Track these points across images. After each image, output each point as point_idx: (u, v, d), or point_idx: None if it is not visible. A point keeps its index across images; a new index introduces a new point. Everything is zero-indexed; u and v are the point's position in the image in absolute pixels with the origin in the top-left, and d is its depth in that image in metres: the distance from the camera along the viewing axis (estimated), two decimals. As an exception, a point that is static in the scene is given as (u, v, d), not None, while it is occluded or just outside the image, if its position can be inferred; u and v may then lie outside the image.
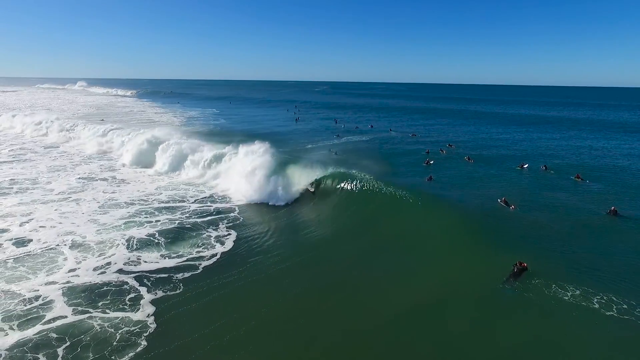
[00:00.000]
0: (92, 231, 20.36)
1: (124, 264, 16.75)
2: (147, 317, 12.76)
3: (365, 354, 11.32)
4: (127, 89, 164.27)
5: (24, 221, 21.61)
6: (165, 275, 15.69)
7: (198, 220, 22.08)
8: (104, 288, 14.77)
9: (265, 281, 15.50)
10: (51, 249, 18.21)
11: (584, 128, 60.02)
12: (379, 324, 12.59)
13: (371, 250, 17.93)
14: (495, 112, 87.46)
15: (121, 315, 12.95)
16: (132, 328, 12.21)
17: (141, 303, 13.66)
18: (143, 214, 22.79)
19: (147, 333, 12.01)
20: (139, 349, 11.25)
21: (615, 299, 13.06)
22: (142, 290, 14.53)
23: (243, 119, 68.53)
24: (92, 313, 13.14)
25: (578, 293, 13.45)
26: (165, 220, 21.88)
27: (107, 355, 11.04)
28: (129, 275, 15.73)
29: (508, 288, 14.08)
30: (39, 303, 13.93)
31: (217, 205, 24.98)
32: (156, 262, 16.80)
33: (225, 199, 26.34)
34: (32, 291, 14.63)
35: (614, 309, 12.61)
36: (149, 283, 15.06)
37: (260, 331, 12.28)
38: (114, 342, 11.55)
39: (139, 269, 16.22)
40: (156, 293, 14.32)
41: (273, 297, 14.28)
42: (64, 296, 14.32)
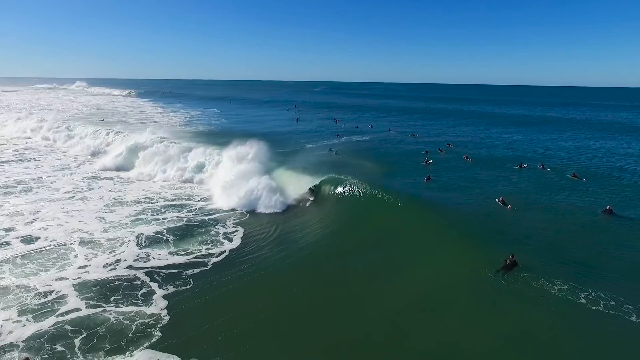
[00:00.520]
0: (100, 229, 20.76)
1: (134, 261, 17.16)
2: (161, 311, 13.17)
3: (365, 342, 11.83)
4: (126, 89, 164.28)
5: (31, 219, 21.96)
6: (175, 271, 16.11)
7: (205, 217, 22.51)
8: (116, 283, 15.19)
9: (272, 276, 15.95)
10: (60, 246, 18.56)
11: (582, 128, 60.55)
12: (379, 313, 13.14)
13: (370, 247, 18.29)
14: (494, 113, 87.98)
15: (135, 309, 13.34)
16: (147, 320, 12.63)
17: (153, 298, 14.06)
18: (149, 212, 23.22)
19: (161, 325, 12.42)
20: (154, 340, 11.66)
21: (603, 295, 13.44)
22: (154, 285, 14.95)
23: (245, 119, 68.94)
24: (106, 307, 13.53)
25: (566, 288, 13.86)
26: (172, 218, 22.32)
27: (124, 345, 11.45)
28: (140, 271, 16.13)
29: (498, 279, 14.61)
30: (53, 297, 14.30)
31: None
32: (165, 259, 17.18)
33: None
34: (45, 286, 14.97)
35: (601, 305, 12.99)
36: (160, 279, 15.46)
37: (268, 323, 12.71)
38: (130, 334, 11.97)
39: (149, 265, 16.62)
40: (167, 288, 14.73)
41: (280, 291, 14.72)
42: (76, 291, 14.67)
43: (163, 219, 22.11)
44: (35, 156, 39.91)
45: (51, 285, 15.15)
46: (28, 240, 19.28)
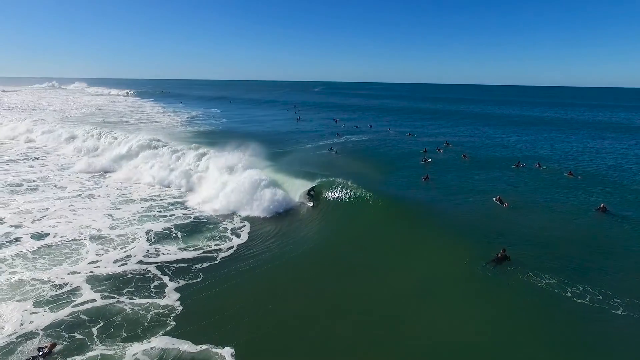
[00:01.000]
0: (108, 225, 21.25)
1: (144, 256, 17.65)
2: (174, 302, 13.71)
3: (363, 327, 12.51)
4: (125, 89, 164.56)
5: (40, 217, 22.40)
6: (185, 265, 16.65)
7: (213, 213, 23.11)
8: (128, 276, 15.71)
9: (279, 268, 16.55)
10: (71, 242, 19.03)
11: (580, 128, 61.31)
12: (377, 302, 13.87)
13: (369, 243, 18.76)
14: (492, 113, 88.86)
15: (149, 300, 13.88)
16: (161, 310, 13.17)
17: (166, 290, 14.59)
18: (157, 209, 23.78)
19: (175, 315, 12.98)
20: (169, 328, 12.21)
21: (590, 290, 13.95)
22: (165, 279, 15.49)
23: (246, 119, 69.59)
24: (120, 298, 14.07)
25: (554, 282, 14.40)
26: (180, 214, 22.89)
27: (140, 333, 12.00)
28: (150, 265, 16.64)
29: (487, 271, 15.20)
30: (67, 289, 14.78)
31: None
32: (175, 254, 17.72)
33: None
34: (58, 279, 15.44)
35: (587, 299, 13.51)
36: (170, 273, 15.99)
37: (274, 314, 13.27)
38: (145, 322, 12.52)
39: (159, 260, 17.14)
40: (178, 281, 15.28)
41: (286, 283, 15.34)
42: (89, 284, 15.15)
43: (170, 216, 22.66)
44: (39, 155, 40.41)
45: (64, 278, 15.64)
46: (39, 236, 19.71)
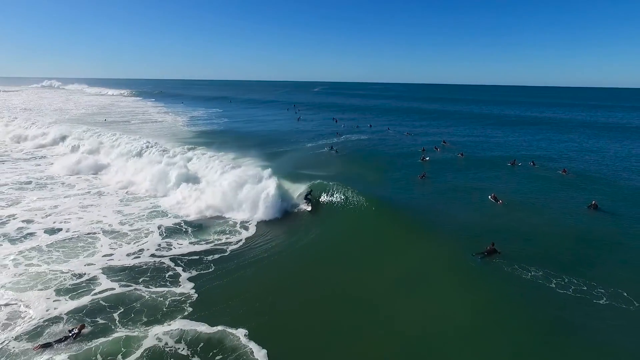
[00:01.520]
0: (119, 221, 22.06)
1: (156, 250, 18.50)
2: (189, 290, 14.61)
3: (359, 312, 13.46)
4: (125, 89, 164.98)
5: (51, 213, 23.16)
6: (197, 257, 17.54)
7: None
8: (143, 267, 16.59)
9: (284, 260, 17.51)
10: (85, 236, 19.87)
11: (577, 128, 62.02)
12: (374, 288, 14.89)
13: (366, 237, 19.58)
14: (491, 113, 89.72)
15: (165, 289, 14.76)
16: (177, 298, 14.06)
17: (180, 280, 15.49)
18: (164, 206, 24.59)
19: (191, 301, 13.87)
20: (186, 313, 13.10)
21: (575, 281, 14.63)
22: (179, 269, 16.36)
23: (248, 119, 70.43)
24: (138, 287, 14.96)
25: (540, 274, 15.06)
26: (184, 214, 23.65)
27: (160, 317, 12.87)
28: (164, 258, 17.51)
29: (476, 262, 15.94)
30: (85, 279, 15.61)
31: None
32: (187, 248, 18.59)
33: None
34: (76, 270, 16.24)
35: (570, 289, 14.19)
36: (183, 264, 16.86)
37: (282, 299, 14.28)
38: (164, 308, 13.39)
39: (172, 253, 17.98)
40: (191, 272, 16.15)
41: (291, 273, 16.36)
42: (106, 275, 15.99)
43: (177, 214, 23.46)
44: (46, 154, 41.15)
45: (82, 269, 16.45)
46: (52, 231, 20.45)
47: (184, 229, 20.83)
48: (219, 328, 12.25)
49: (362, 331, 12.42)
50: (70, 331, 11.94)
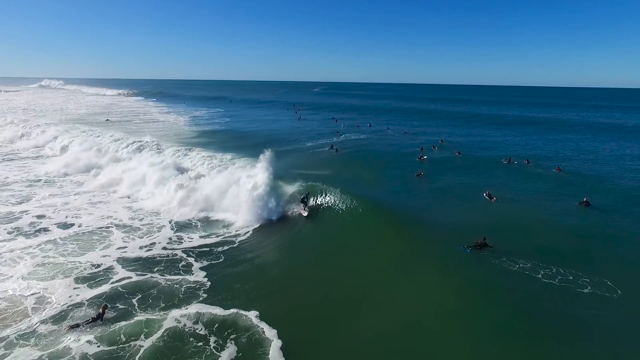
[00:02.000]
0: (129, 217, 22.93)
1: (167, 243, 19.41)
2: (202, 278, 15.59)
3: (357, 294, 14.45)
4: (124, 89, 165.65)
5: (63, 209, 24.05)
6: (207, 249, 18.51)
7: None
8: (157, 258, 17.51)
9: (291, 248, 18.70)
10: (98, 230, 20.75)
11: (574, 128, 62.87)
12: (369, 274, 15.84)
13: (364, 230, 20.17)
14: (489, 114, 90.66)
15: (179, 277, 15.72)
16: (192, 285, 15.03)
17: (192, 269, 16.44)
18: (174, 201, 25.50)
19: (205, 288, 14.84)
20: (201, 298, 14.07)
21: (562, 272, 15.24)
22: (191, 260, 17.31)
23: (249, 119, 71.39)
24: (153, 275, 15.94)
25: (529, 266, 15.64)
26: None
27: (177, 302, 13.82)
28: (176, 250, 18.45)
29: (466, 254, 16.60)
30: (102, 269, 16.52)
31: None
32: (197, 241, 19.52)
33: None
34: (92, 261, 17.15)
35: (556, 279, 14.81)
36: (195, 255, 17.81)
37: (288, 285, 15.33)
38: (180, 294, 14.34)
39: (183, 246, 18.89)
40: (202, 262, 17.11)
41: (296, 262, 17.43)
42: (121, 265, 16.91)
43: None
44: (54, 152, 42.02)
45: (98, 260, 17.35)
46: (65, 226, 21.27)
47: (194, 223, 21.79)
48: (233, 310, 13.24)
49: (361, 311, 13.41)
50: (95, 313, 12.91)
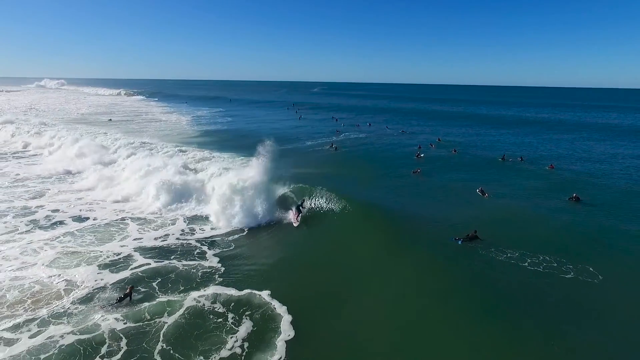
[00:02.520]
0: (140, 211, 24.11)
1: (180, 234, 20.65)
2: (216, 264, 16.84)
3: (359, 279, 15.57)
4: (124, 89, 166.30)
5: (76, 204, 25.09)
6: (219, 238, 19.80)
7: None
8: (172, 247, 18.70)
9: (298, 236, 20.00)
10: (114, 222, 21.89)
11: (571, 128, 64.07)
12: (365, 259, 16.99)
13: (367, 227, 20.70)
14: (487, 114, 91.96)
15: (195, 263, 16.98)
16: (207, 270, 16.28)
17: (206, 256, 17.69)
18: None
19: (219, 273, 16.08)
20: (216, 282, 15.31)
21: (548, 259, 16.14)
22: (204, 248, 18.56)
23: (250, 119, 72.62)
24: (171, 261, 17.20)
25: (516, 255, 16.51)
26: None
27: (195, 285, 15.06)
28: (189, 240, 19.67)
29: (457, 244, 17.50)
30: (122, 257, 17.68)
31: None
32: (209, 232, 20.76)
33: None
34: (112, 250, 18.29)
35: (541, 267, 15.69)
36: (207, 244, 19.06)
37: (295, 268, 16.72)
38: (197, 278, 15.58)
39: (196, 237, 20.10)
40: (215, 250, 18.36)
41: (300, 247, 18.83)
42: (139, 253, 18.09)
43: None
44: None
45: (117, 250, 18.56)
46: (80, 219, 22.32)
47: (205, 216, 22.98)
48: (247, 291, 14.53)
49: (361, 290, 14.72)
50: (122, 293, 14.18)
